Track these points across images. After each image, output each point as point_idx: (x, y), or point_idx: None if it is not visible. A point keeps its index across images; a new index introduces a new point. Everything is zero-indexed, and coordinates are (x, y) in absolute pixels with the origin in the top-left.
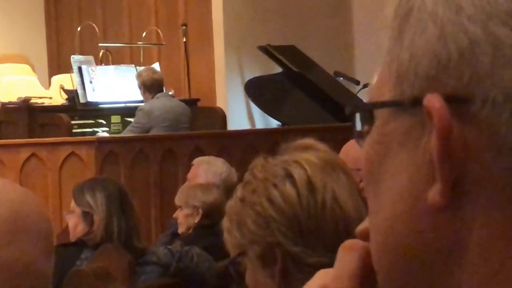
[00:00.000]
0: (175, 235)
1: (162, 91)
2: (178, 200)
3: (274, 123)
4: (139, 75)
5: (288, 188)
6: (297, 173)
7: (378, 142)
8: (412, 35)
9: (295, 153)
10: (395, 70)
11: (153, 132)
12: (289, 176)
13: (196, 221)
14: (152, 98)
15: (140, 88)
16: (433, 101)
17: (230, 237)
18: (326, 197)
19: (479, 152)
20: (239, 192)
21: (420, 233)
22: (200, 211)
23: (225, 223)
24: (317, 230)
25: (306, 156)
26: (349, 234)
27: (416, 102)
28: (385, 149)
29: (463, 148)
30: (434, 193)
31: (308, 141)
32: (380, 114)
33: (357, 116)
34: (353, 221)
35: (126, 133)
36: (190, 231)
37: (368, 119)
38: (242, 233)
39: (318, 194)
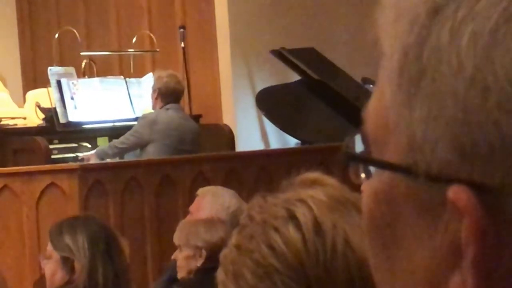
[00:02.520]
0: (173, 280)
1: (178, 102)
2: (177, 239)
3: (292, 142)
4: (159, 77)
5: (292, 231)
6: (302, 213)
7: (384, 203)
8: (427, 108)
9: (299, 189)
10: (404, 134)
11: (151, 149)
12: (293, 217)
13: (198, 264)
14: (161, 108)
15: (154, 91)
16: (462, 196)
17: None
18: (336, 240)
19: None
20: (234, 238)
21: None
22: (204, 252)
23: (220, 275)
24: (327, 280)
25: (312, 193)
26: (364, 282)
27: (433, 180)
28: (395, 214)
29: (497, 243)
30: (458, 286)
31: (314, 175)
32: (385, 172)
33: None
34: (368, 267)
35: (119, 144)
36: (191, 276)
37: (369, 172)
38: (239, 287)
39: (327, 237)
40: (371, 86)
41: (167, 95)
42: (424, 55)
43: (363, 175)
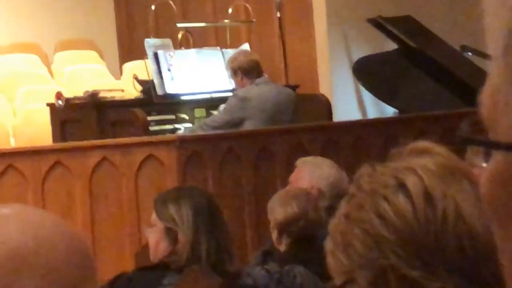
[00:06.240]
0: (268, 253)
1: (262, 75)
2: (268, 211)
3: (389, 111)
4: (233, 59)
5: (402, 200)
6: (412, 182)
7: (498, 184)
8: None
9: (408, 159)
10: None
11: (247, 125)
12: (402, 186)
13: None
14: (251, 84)
15: (236, 74)
16: None
17: (335, 261)
18: (447, 209)
19: None
20: (343, 207)
21: None
22: (275, 230)
23: (328, 244)
24: (438, 250)
25: (422, 162)
26: (476, 252)
27: None
28: (508, 195)
29: None
30: None
31: (424, 144)
32: (498, 153)
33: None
34: (480, 237)
35: (210, 123)
36: (285, 248)
37: (487, 154)
38: (348, 256)
39: (438, 207)
40: (470, 54)
41: (248, 69)
42: None
43: (481, 158)
